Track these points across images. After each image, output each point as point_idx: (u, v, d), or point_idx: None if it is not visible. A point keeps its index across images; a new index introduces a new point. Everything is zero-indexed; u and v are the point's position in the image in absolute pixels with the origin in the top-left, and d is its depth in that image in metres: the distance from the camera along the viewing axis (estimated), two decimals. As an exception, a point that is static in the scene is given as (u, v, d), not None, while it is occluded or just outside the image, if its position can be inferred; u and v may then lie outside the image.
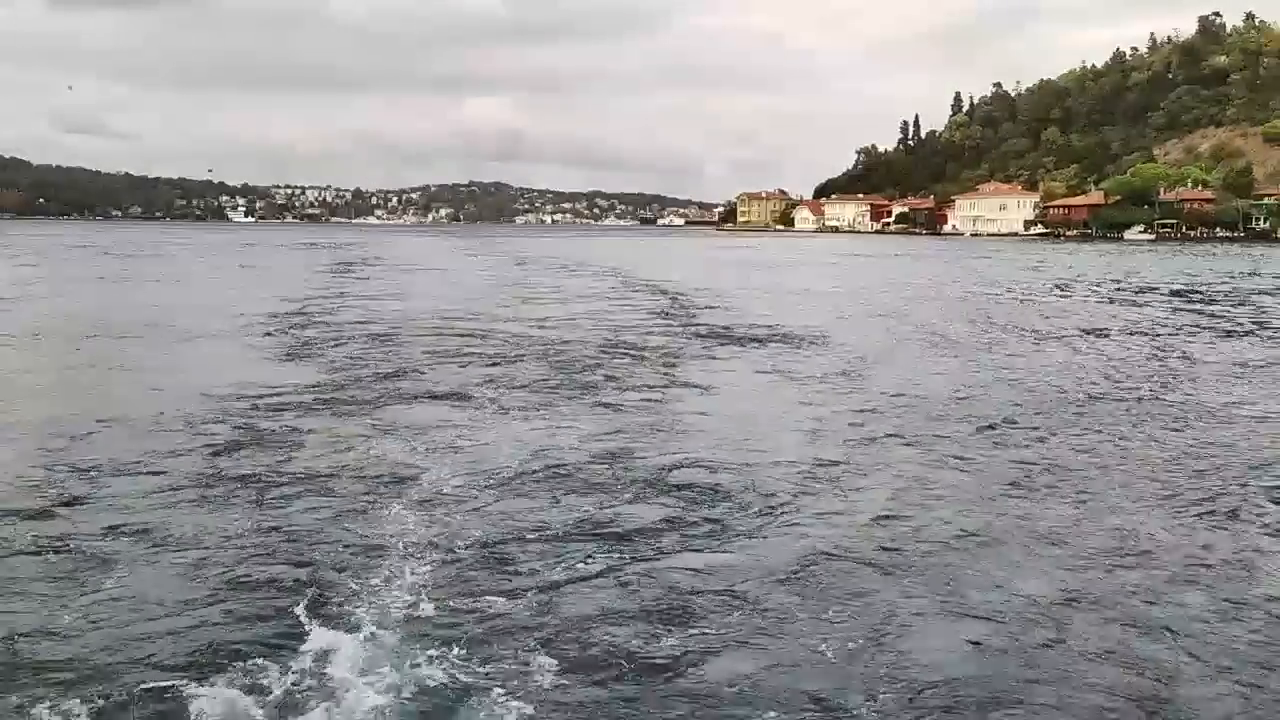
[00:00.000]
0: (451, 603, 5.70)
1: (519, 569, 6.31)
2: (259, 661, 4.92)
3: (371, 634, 5.22)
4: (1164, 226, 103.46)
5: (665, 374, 14.32)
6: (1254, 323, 23.22)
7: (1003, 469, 9.06)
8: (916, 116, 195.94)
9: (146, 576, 6.10)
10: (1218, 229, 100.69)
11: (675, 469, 8.76)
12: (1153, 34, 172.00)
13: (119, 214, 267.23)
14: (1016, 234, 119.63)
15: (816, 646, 5.25)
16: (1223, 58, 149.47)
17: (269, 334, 18.78)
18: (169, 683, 4.70)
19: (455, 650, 5.05)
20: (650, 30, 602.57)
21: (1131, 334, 20.69)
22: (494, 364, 15.06)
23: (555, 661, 4.97)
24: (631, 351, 16.62)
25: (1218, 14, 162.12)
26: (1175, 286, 35.66)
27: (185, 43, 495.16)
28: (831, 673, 4.97)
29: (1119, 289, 34.41)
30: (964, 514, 7.65)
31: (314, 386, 12.77)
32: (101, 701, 4.53)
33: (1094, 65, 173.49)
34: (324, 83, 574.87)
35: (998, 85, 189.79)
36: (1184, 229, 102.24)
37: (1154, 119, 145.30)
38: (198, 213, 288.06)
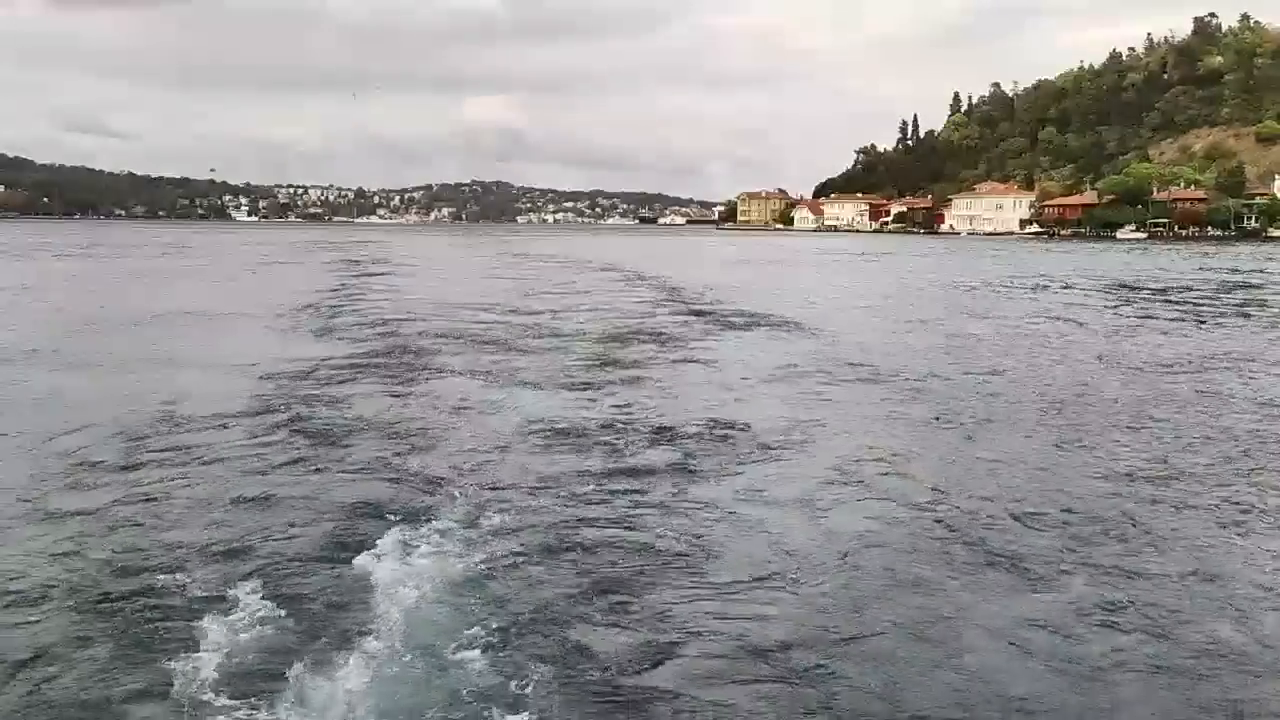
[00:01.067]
0: (488, 521, 7.58)
1: (546, 482, 8.19)
2: (337, 561, 6.80)
3: (426, 543, 7.10)
4: (1156, 226, 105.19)
5: (666, 349, 16.31)
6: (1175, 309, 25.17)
7: (927, 414, 11.07)
8: (915, 116, 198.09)
9: (256, 491, 7.96)
10: (1209, 228, 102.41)
11: (675, 415, 10.65)
12: (1149, 34, 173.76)
13: (122, 214, 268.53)
14: (1012, 233, 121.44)
15: (775, 529, 7.14)
16: (1218, 58, 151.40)
17: (319, 317, 20.90)
18: (275, 568, 6.56)
19: (490, 557, 6.92)
20: (651, 29, 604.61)
21: (1059, 321, 22.72)
22: (517, 343, 16.96)
23: (564, 563, 6.83)
24: (634, 331, 18.58)
25: (1213, 15, 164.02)
26: (1126, 280, 37.58)
27: (186, 42, 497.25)
28: (786, 546, 6.85)
29: (1082, 285, 36.26)
30: (895, 441, 9.61)
31: (364, 356, 14.73)
32: (228, 576, 6.40)
33: (1091, 65, 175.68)
34: (325, 82, 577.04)
35: (996, 85, 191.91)
36: (1176, 228, 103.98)
37: (1149, 119, 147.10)
38: (200, 212, 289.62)
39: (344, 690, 4.81)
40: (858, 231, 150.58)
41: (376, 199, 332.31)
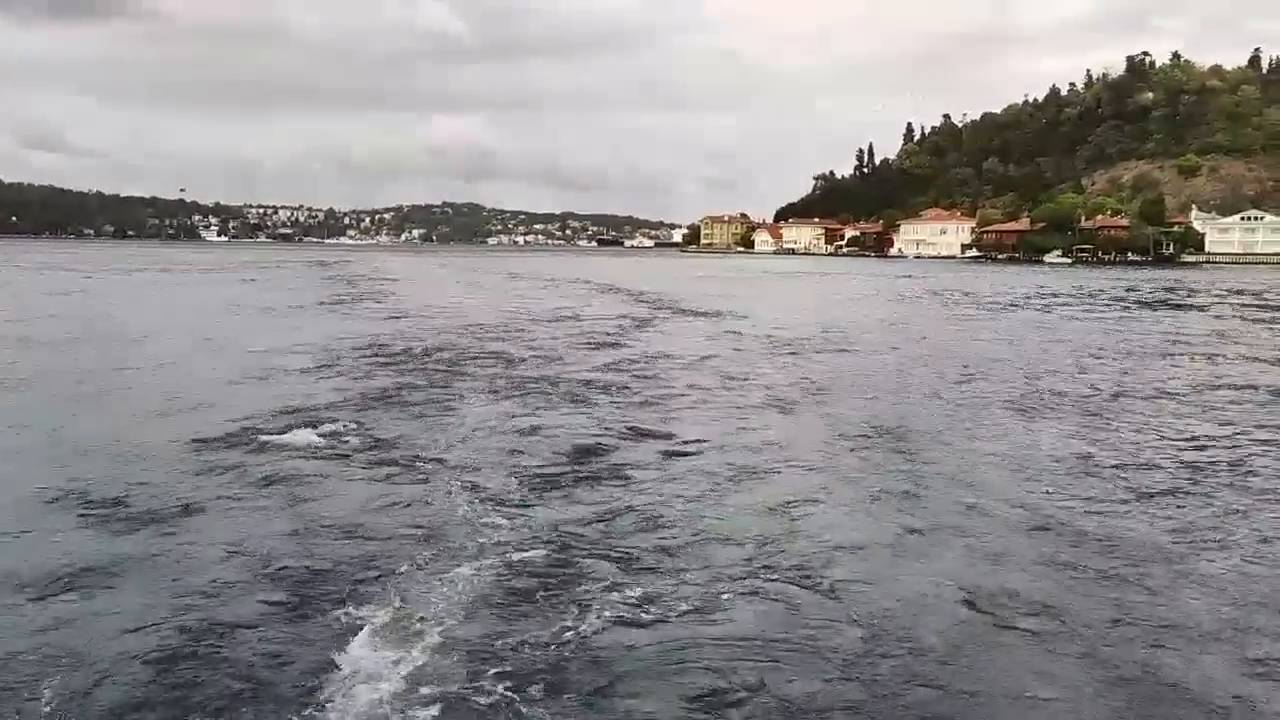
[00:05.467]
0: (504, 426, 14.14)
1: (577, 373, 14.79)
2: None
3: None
4: (1082, 251, 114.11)
5: (635, 329, 23.10)
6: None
7: (809, 369, 17.79)
8: (870, 145, 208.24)
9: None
10: (1130, 254, 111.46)
11: (639, 364, 17.34)
12: (1089, 70, 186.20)
13: (91, 233, 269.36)
14: (954, 256, 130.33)
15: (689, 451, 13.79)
16: (1148, 95, 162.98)
17: (347, 312, 27.31)
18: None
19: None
20: (619, 52, 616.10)
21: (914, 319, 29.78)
22: (522, 330, 23.51)
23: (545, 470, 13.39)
24: (611, 318, 25.37)
25: (1146, 53, 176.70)
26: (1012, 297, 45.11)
27: (149, 59, 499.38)
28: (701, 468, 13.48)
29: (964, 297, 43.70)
30: (789, 382, 16.36)
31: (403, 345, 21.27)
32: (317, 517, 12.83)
33: (1035, 99, 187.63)
34: (292, 102, 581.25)
35: (946, 116, 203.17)
36: (1100, 253, 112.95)
37: (1083, 151, 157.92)
38: (170, 232, 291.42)
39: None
40: (814, 254, 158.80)
41: (347, 219, 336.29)
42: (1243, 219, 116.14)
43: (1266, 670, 5.29)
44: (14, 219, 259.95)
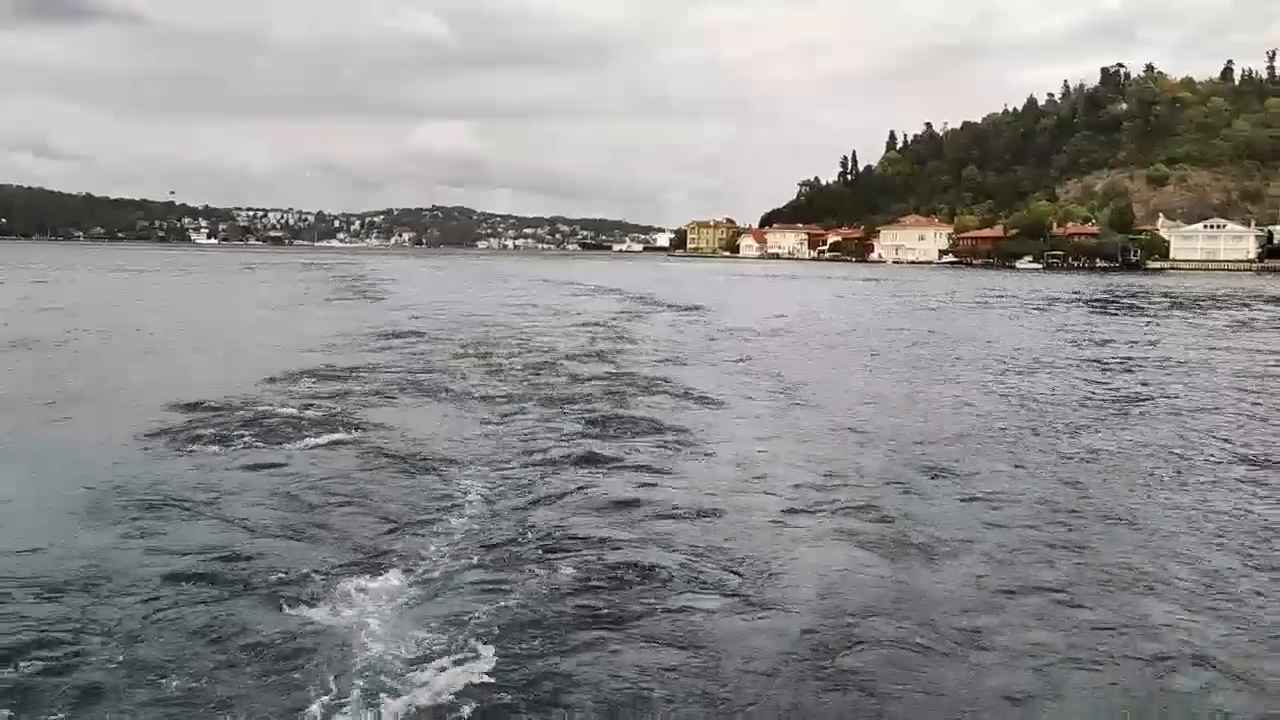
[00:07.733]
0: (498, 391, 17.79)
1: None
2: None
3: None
4: (1053, 257, 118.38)
5: (621, 322, 26.85)
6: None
7: (765, 349, 21.45)
8: (854, 152, 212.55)
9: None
10: (1099, 260, 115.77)
11: (622, 347, 20.97)
12: (1065, 81, 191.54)
13: (80, 235, 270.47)
14: (931, 262, 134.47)
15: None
16: (1121, 105, 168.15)
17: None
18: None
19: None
20: (609, 60, 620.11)
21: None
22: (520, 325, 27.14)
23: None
24: (600, 312, 29.14)
25: (1121, 65, 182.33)
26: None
27: (134, 65, 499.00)
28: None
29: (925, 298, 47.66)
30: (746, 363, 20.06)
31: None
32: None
33: (1015, 109, 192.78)
34: (279, 107, 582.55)
35: (928, 125, 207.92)
36: (1070, 260, 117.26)
37: (1057, 160, 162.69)
38: (159, 234, 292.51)
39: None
40: (797, 259, 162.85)
41: (337, 222, 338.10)
42: (1206, 227, 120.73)
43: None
44: (3, 220, 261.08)
